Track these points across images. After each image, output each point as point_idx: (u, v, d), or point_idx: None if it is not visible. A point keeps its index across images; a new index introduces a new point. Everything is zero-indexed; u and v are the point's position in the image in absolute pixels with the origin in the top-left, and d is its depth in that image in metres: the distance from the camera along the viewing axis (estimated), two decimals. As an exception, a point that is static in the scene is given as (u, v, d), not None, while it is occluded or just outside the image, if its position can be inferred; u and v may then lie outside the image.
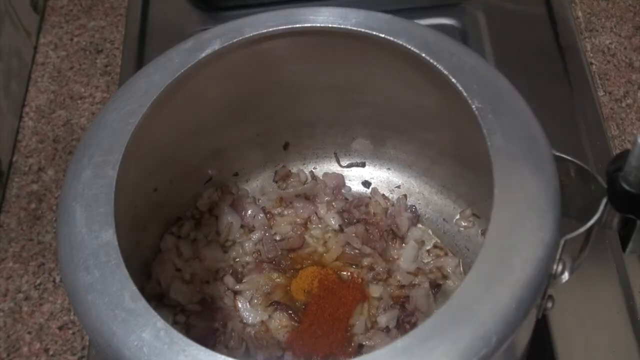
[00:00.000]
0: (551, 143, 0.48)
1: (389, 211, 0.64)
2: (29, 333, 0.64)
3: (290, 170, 0.68)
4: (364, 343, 0.58)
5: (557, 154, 0.47)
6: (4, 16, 0.77)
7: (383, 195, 0.66)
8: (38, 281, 0.67)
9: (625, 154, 0.42)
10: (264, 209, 0.65)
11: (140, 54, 0.79)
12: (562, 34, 0.77)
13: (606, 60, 0.77)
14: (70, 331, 0.64)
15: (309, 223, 0.65)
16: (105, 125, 0.51)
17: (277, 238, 0.64)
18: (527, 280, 0.42)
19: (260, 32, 0.55)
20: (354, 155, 0.68)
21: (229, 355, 0.41)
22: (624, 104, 0.74)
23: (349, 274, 0.62)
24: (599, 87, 0.75)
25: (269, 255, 0.63)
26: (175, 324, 0.58)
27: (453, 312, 0.41)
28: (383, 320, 0.58)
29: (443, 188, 0.65)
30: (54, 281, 0.67)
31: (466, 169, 0.60)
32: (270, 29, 0.55)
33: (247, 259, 0.63)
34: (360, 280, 0.61)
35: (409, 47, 0.53)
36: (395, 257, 0.62)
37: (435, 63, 0.51)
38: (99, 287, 0.44)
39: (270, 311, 0.60)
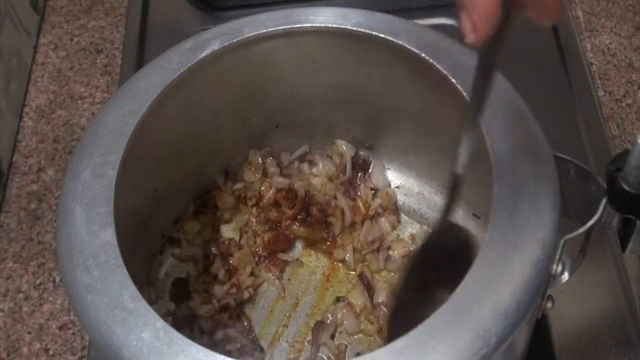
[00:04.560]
0: (551, 143, 0.48)
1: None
2: (29, 333, 0.64)
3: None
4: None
5: (557, 154, 0.47)
6: (4, 16, 0.77)
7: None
8: (38, 281, 0.67)
9: (625, 154, 0.42)
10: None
11: (140, 54, 0.79)
12: (562, 34, 0.77)
13: (606, 60, 0.77)
14: (70, 331, 0.64)
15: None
16: (105, 125, 0.51)
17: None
18: (526, 280, 0.42)
19: (260, 32, 0.55)
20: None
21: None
22: (624, 104, 0.74)
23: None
24: (599, 87, 0.75)
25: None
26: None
27: (453, 312, 0.41)
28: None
29: (443, 188, 0.65)
30: (54, 281, 0.67)
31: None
32: (270, 29, 0.55)
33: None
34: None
35: (409, 47, 0.53)
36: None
37: (435, 63, 0.51)
38: (99, 287, 0.44)
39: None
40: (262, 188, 0.64)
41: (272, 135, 0.65)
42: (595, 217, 0.45)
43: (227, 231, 0.64)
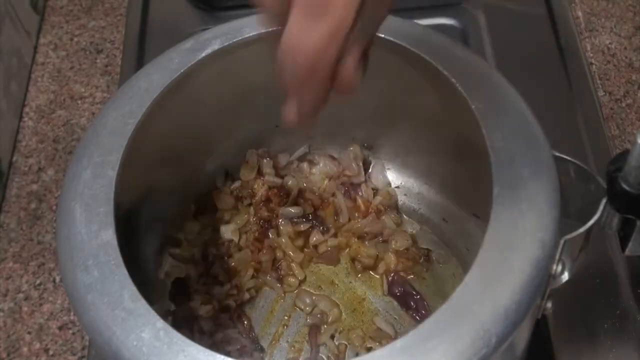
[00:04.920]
0: (551, 143, 0.48)
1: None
2: (29, 333, 0.64)
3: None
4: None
5: (557, 154, 0.47)
6: (4, 16, 0.77)
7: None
8: (38, 281, 0.67)
9: (625, 154, 0.42)
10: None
11: (140, 54, 0.79)
12: (562, 34, 0.77)
13: (606, 60, 0.77)
14: (70, 331, 0.64)
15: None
16: (105, 125, 0.51)
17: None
18: (526, 280, 0.42)
19: (260, 32, 0.55)
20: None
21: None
22: (624, 104, 0.74)
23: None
24: (599, 87, 0.75)
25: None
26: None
27: (453, 312, 0.41)
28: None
29: (443, 188, 0.65)
30: (54, 281, 0.67)
31: (466, 169, 0.60)
32: (270, 29, 0.55)
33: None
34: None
35: (409, 47, 0.53)
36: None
37: (435, 63, 0.51)
38: (99, 287, 0.44)
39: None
40: (255, 186, 0.64)
41: (271, 135, 0.65)
42: (595, 217, 0.45)
43: (227, 232, 0.64)
